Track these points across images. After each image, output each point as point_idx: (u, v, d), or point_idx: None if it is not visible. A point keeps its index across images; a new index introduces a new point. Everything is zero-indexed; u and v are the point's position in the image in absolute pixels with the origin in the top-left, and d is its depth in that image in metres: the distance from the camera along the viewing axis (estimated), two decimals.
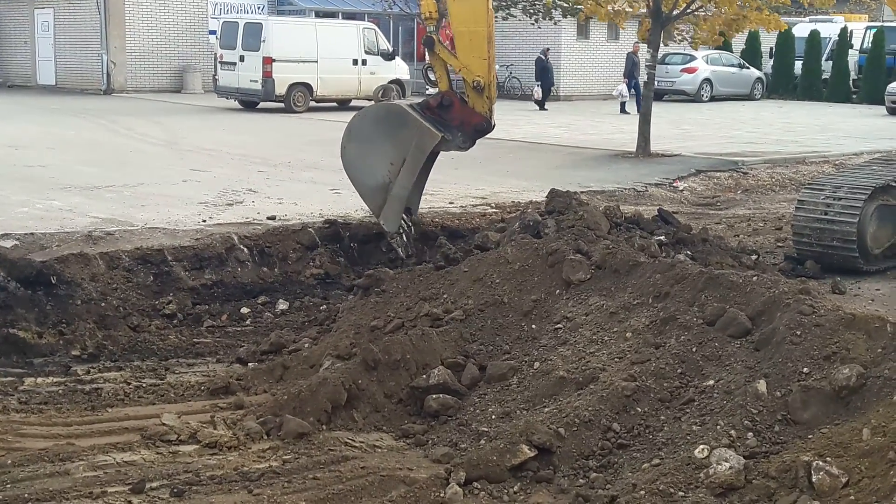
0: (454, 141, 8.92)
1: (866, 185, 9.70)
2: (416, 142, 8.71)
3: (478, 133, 9.02)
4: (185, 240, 9.25)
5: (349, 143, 8.98)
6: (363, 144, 8.87)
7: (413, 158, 8.73)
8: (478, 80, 8.69)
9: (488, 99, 8.84)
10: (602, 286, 6.77)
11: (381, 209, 8.87)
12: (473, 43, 8.72)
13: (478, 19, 8.71)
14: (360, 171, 8.97)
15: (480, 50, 8.71)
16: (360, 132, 8.88)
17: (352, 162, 9.01)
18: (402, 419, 6.00)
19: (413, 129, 8.71)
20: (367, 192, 8.98)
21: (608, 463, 5.12)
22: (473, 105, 8.82)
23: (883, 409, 4.54)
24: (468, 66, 8.70)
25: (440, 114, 8.83)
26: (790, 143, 20.72)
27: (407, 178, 8.76)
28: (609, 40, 36.11)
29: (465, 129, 8.93)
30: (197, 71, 33.02)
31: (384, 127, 8.83)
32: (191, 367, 7.20)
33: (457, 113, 8.86)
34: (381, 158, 8.80)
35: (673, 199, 14.38)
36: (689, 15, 18.95)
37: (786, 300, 5.62)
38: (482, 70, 8.71)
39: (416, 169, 8.79)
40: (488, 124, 8.97)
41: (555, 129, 23.40)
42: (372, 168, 8.86)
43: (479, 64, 8.71)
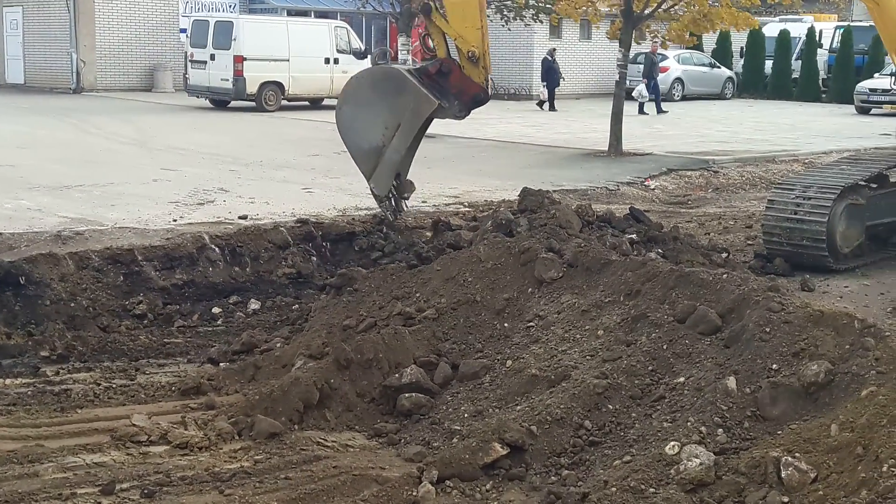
0: (450, 109, 8.84)
1: (836, 184, 9.79)
2: (412, 107, 8.62)
3: (475, 103, 8.95)
4: (155, 239, 9.19)
5: (345, 105, 8.90)
6: (359, 107, 8.78)
7: (408, 124, 8.65)
8: (473, 50, 8.62)
9: (484, 69, 8.77)
10: (574, 284, 6.79)
11: (371, 172, 8.79)
12: (466, 13, 8.65)
13: None
14: (354, 133, 8.88)
15: (474, 19, 8.65)
16: (356, 94, 8.80)
17: (346, 124, 8.92)
18: (374, 418, 6.00)
19: (410, 94, 8.61)
20: (360, 154, 8.90)
21: (580, 460, 5.13)
22: (469, 75, 8.75)
23: (851, 405, 4.58)
24: (463, 36, 8.63)
25: (438, 81, 8.74)
26: (760, 142, 20.86)
27: (401, 143, 8.69)
28: (581, 40, 36.22)
29: (462, 98, 8.86)
30: (167, 69, 32.82)
31: (381, 91, 8.73)
32: (161, 368, 7.16)
33: (455, 81, 8.77)
34: (377, 122, 8.71)
35: (644, 197, 14.45)
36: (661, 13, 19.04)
37: (755, 298, 5.66)
38: (476, 40, 8.65)
39: (410, 135, 8.72)
40: (485, 94, 8.91)
41: (528, 128, 23.45)
42: (366, 131, 8.77)
43: (473, 34, 8.65)
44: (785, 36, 36.17)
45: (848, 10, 46.08)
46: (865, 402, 4.53)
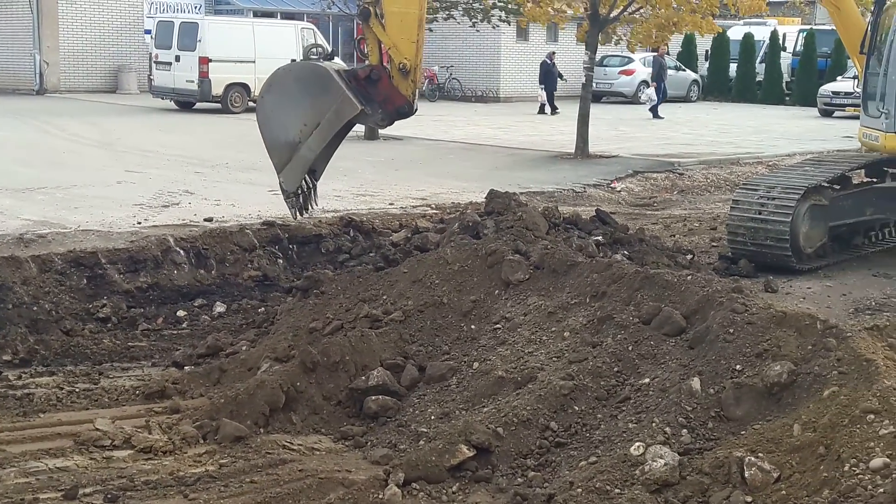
0: (373, 116, 8.77)
1: (799, 185, 9.87)
2: (334, 108, 8.54)
3: (399, 115, 8.88)
4: (119, 242, 9.11)
5: (267, 94, 8.80)
6: (281, 99, 8.70)
7: (328, 124, 8.57)
8: (405, 62, 8.57)
9: (413, 83, 8.71)
10: (540, 286, 6.81)
11: (283, 166, 8.73)
12: (404, 24, 8.59)
13: (410, 1, 8.62)
14: (271, 124, 8.80)
15: (410, 32, 8.59)
16: (280, 86, 8.72)
17: (266, 113, 8.83)
18: (340, 421, 5.98)
19: (334, 95, 8.53)
20: (275, 146, 8.82)
21: (546, 461, 5.15)
22: (398, 86, 8.71)
23: (813, 405, 4.62)
24: (397, 47, 8.58)
25: (366, 86, 8.68)
26: (725, 145, 21.02)
27: (317, 143, 8.61)
28: (548, 42, 36.33)
29: (386, 108, 8.78)
30: (132, 71, 32.58)
31: (306, 87, 8.64)
32: (125, 372, 7.10)
33: (383, 89, 8.70)
34: (296, 117, 8.62)
35: (611, 199, 14.51)
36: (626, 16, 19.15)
37: (719, 299, 5.70)
38: (410, 53, 8.60)
39: (328, 135, 8.64)
40: (410, 108, 8.84)
41: (495, 130, 23.49)
42: (284, 124, 8.68)
43: (407, 46, 8.59)
44: (749, 39, 36.50)
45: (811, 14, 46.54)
46: (827, 402, 4.58)
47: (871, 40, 10.51)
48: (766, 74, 36.39)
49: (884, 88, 9.74)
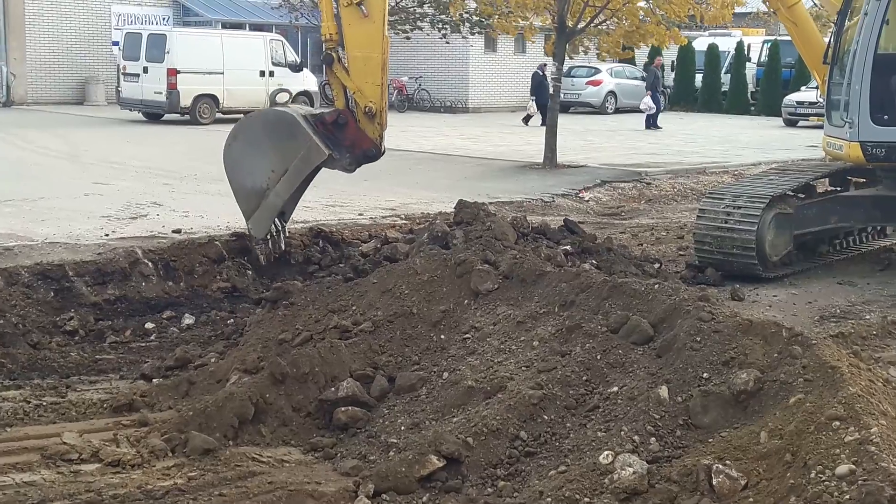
0: (340, 161, 8.75)
1: (764, 194, 9.98)
2: (302, 154, 8.53)
3: (366, 158, 8.86)
4: (86, 254, 9.06)
5: (234, 142, 8.79)
6: (248, 146, 8.69)
7: (295, 170, 8.56)
8: (370, 105, 8.56)
9: (379, 125, 8.70)
10: (509, 296, 6.83)
11: (251, 213, 8.73)
12: (368, 68, 8.58)
13: (373, 45, 8.57)
14: (239, 172, 8.79)
15: (374, 76, 8.57)
16: (247, 133, 8.71)
17: (233, 160, 8.82)
18: (310, 433, 5.96)
19: (301, 141, 8.52)
20: (243, 193, 8.81)
21: (516, 471, 5.15)
22: (364, 129, 8.70)
23: (779, 413, 4.66)
24: (362, 91, 8.58)
25: (333, 131, 8.67)
26: (691, 154, 21.20)
27: (285, 189, 8.60)
28: (516, 53, 36.51)
29: (353, 152, 8.75)
30: (100, 82, 32.42)
31: (273, 134, 8.64)
32: (93, 385, 7.04)
33: (350, 134, 8.68)
34: (263, 164, 8.61)
35: (579, 209, 14.60)
36: (593, 28, 19.28)
37: (686, 307, 5.74)
38: (375, 96, 8.59)
39: (296, 181, 8.64)
40: (378, 151, 8.82)
41: (464, 140, 23.57)
42: (252, 171, 8.68)
43: (372, 90, 8.59)
44: (714, 50, 36.85)
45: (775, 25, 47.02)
46: (793, 409, 4.62)
47: (834, 51, 10.66)
48: (731, 85, 36.76)
49: (847, 98, 9.86)
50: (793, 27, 12.10)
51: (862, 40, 9.68)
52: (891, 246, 11.90)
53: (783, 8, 11.92)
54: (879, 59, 9.70)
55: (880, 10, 9.57)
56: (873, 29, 9.61)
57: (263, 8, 34.80)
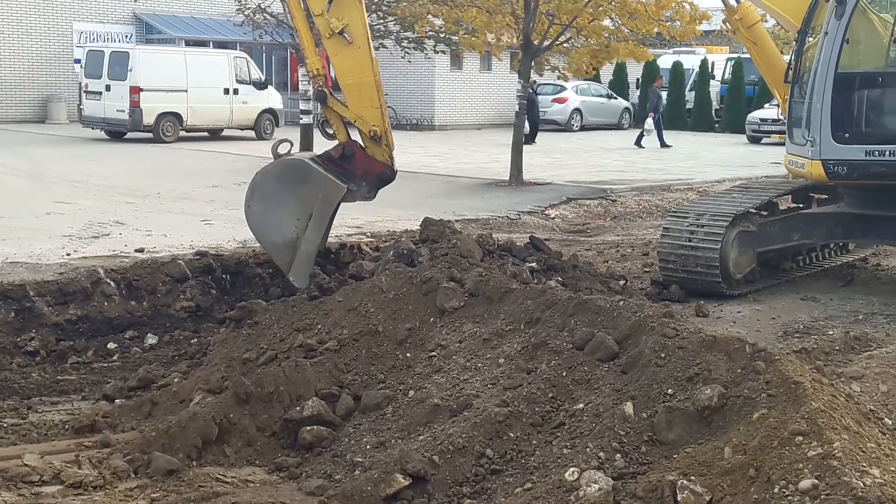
0: (359, 191, 8.77)
1: (728, 212, 10.06)
2: (321, 195, 8.51)
3: (382, 182, 8.89)
4: (48, 274, 8.96)
5: (252, 203, 8.70)
6: (267, 202, 8.64)
7: (320, 212, 8.54)
8: (374, 129, 8.59)
9: (387, 146, 8.74)
10: (475, 313, 6.83)
11: (290, 266, 8.66)
12: (363, 94, 8.61)
13: (363, 70, 8.59)
14: (266, 230, 8.74)
15: (371, 99, 8.61)
16: (263, 190, 8.65)
17: (257, 221, 8.76)
18: (275, 452, 5.92)
19: (317, 183, 8.52)
20: (276, 249, 8.75)
21: (482, 489, 5.14)
22: (373, 154, 8.73)
23: (743, 428, 4.68)
24: (362, 117, 8.60)
25: (343, 165, 8.67)
26: (656, 171, 21.34)
27: (315, 233, 8.57)
28: (482, 71, 36.65)
29: (368, 179, 8.77)
30: (61, 100, 32.19)
31: (287, 183, 8.61)
32: (54, 406, 6.96)
33: (360, 163, 8.70)
34: (287, 215, 8.56)
35: (545, 226, 14.64)
36: (559, 46, 19.40)
37: (651, 324, 5.76)
38: (376, 119, 8.62)
39: (323, 223, 8.66)
40: (391, 171, 8.86)
41: (430, 158, 23.59)
42: (278, 225, 8.61)
43: (372, 114, 8.61)
44: (679, 67, 37.18)
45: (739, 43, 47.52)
46: (757, 424, 4.64)
47: (795, 70, 10.77)
48: (695, 102, 37.11)
49: (808, 117, 9.97)
50: (752, 46, 12.24)
51: (822, 59, 9.79)
52: (853, 262, 12.03)
53: (742, 28, 12.04)
54: (840, 77, 9.81)
55: (840, 29, 9.69)
56: (833, 48, 9.72)
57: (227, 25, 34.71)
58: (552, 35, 18.70)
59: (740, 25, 12.05)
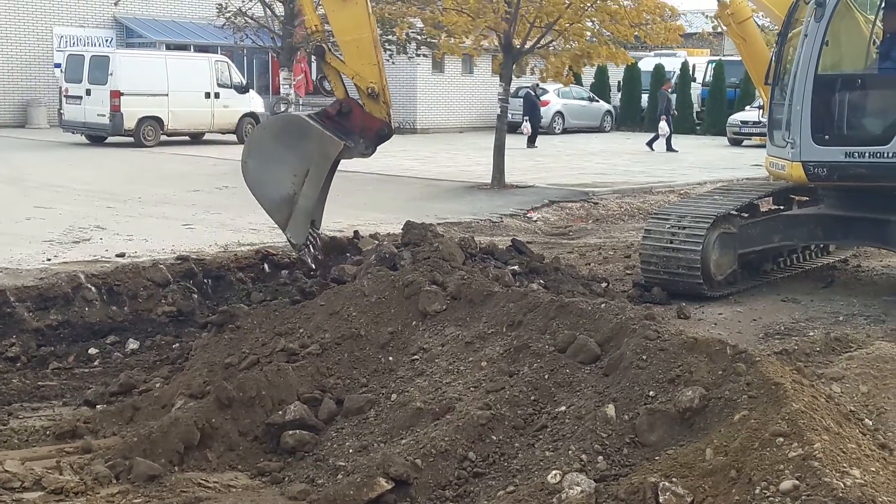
0: (357, 148, 8.72)
1: (709, 214, 10.10)
2: (319, 151, 8.47)
3: (380, 138, 8.85)
4: (28, 279, 8.92)
5: (249, 159, 8.67)
6: (264, 159, 8.60)
7: (317, 168, 8.50)
8: (372, 86, 8.55)
9: (385, 104, 8.69)
10: (457, 316, 6.83)
11: (286, 222, 8.63)
12: (361, 50, 8.56)
13: (361, 25, 8.53)
14: (263, 186, 8.69)
15: (369, 56, 8.56)
16: (260, 147, 8.62)
17: (254, 177, 8.71)
18: (257, 457, 5.90)
19: (315, 139, 8.48)
20: (273, 205, 8.71)
21: (464, 492, 5.14)
22: (371, 111, 8.69)
23: (724, 430, 4.70)
24: (360, 74, 8.55)
25: (340, 121, 8.63)
26: (638, 174, 21.41)
27: (312, 189, 8.53)
28: (464, 74, 36.69)
29: (366, 135, 8.73)
30: (42, 105, 32.05)
31: (285, 139, 8.56)
32: (35, 412, 6.92)
33: (357, 119, 8.65)
34: (285, 171, 8.51)
35: (527, 229, 14.66)
36: (540, 49, 19.44)
37: (632, 326, 5.77)
38: (374, 76, 8.57)
39: (321, 179, 8.59)
40: (389, 129, 8.82)
41: (412, 161, 23.59)
42: (276, 181, 8.57)
43: (370, 70, 8.56)
44: (660, 70, 37.31)
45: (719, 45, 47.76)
46: (738, 425, 4.66)
47: (776, 71, 10.83)
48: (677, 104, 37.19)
49: (788, 118, 10.02)
50: (742, 43, 12.29)
51: (802, 61, 9.84)
52: (834, 263, 12.09)
53: (734, 23, 12.09)
54: (819, 79, 9.87)
55: (819, 31, 9.75)
56: (813, 50, 9.78)
57: (208, 29, 34.64)
58: (533, 37, 18.73)
59: (732, 21, 12.10)
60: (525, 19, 18.41)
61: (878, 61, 10.52)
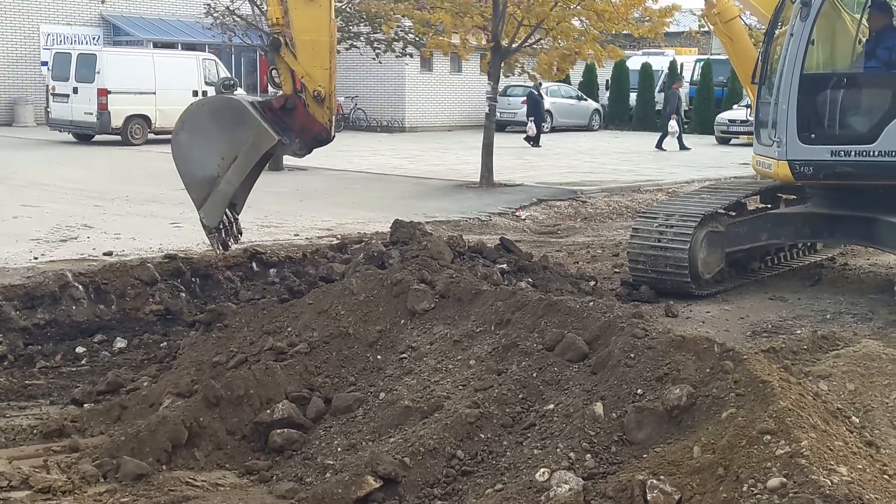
0: (291, 146, 8.65)
1: (696, 212, 10.12)
2: (251, 140, 8.40)
3: (316, 142, 8.78)
4: (15, 278, 8.89)
5: (181, 132, 8.58)
6: (196, 135, 8.50)
7: (245, 157, 8.43)
8: (319, 90, 8.49)
9: (329, 110, 8.63)
10: (446, 315, 6.83)
11: (202, 202, 8.57)
12: (316, 52, 8.51)
13: (321, 28, 8.48)
14: (188, 161, 8.60)
15: (323, 59, 8.51)
16: (194, 122, 8.54)
17: (182, 150, 8.62)
18: (245, 456, 5.90)
19: (250, 127, 8.37)
20: (193, 182, 8.63)
21: (453, 490, 5.15)
22: (314, 113, 8.64)
23: (712, 427, 4.71)
24: (310, 75, 8.51)
25: (282, 116, 8.56)
26: (626, 173, 21.44)
27: (236, 176, 8.46)
28: (452, 73, 36.69)
29: (304, 136, 8.62)
30: (28, 103, 31.93)
31: (221, 121, 8.47)
32: (22, 411, 6.90)
33: (299, 118, 8.56)
34: (213, 152, 8.40)
35: (516, 227, 14.67)
36: (528, 48, 19.45)
37: (620, 324, 5.79)
38: (324, 80, 8.52)
39: (246, 168, 8.52)
40: (328, 135, 8.75)
41: (400, 160, 23.59)
42: (201, 160, 8.47)
43: (321, 73, 8.51)
44: (648, 69, 37.38)
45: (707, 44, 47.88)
46: (725, 423, 4.67)
47: (762, 70, 10.86)
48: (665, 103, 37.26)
49: (775, 118, 10.04)
50: (729, 42, 12.31)
51: (788, 60, 9.87)
52: (821, 262, 12.14)
53: (720, 22, 12.11)
54: (805, 78, 9.90)
55: (805, 30, 9.78)
56: (799, 49, 9.81)
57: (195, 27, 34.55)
58: (521, 36, 18.74)
59: (718, 20, 12.11)
60: (513, 18, 18.41)
61: (864, 60, 10.56)
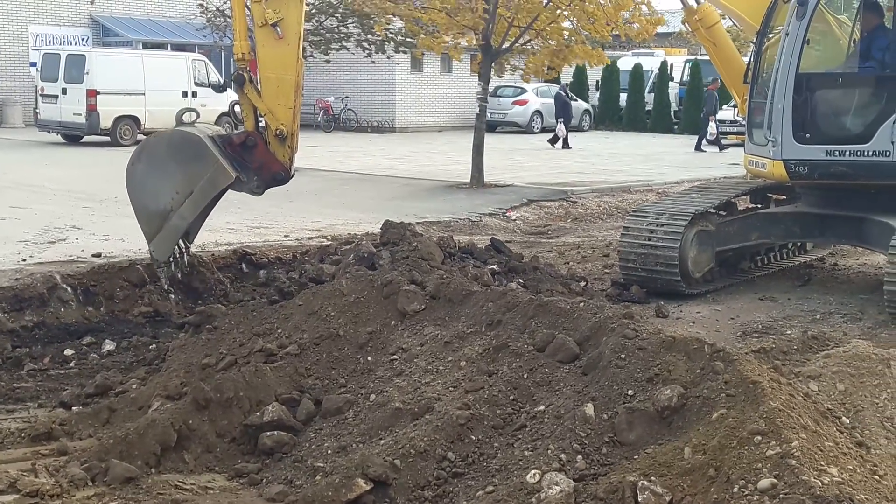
0: (248, 184, 8.54)
1: (686, 211, 10.13)
2: (208, 177, 8.30)
3: (274, 181, 8.65)
4: (3, 280, 8.84)
5: (138, 162, 8.51)
6: (153, 167, 8.42)
7: (201, 193, 8.35)
8: (281, 128, 8.39)
9: (290, 149, 8.51)
10: (436, 316, 6.82)
11: (153, 235, 8.52)
12: (280, 90, 8.40)
13: (287, 67, 8.36)
14: (142, 193, 8.53)
15: (287, 98, 8.40)
16: (151, 154, 8.47)
17: (136, 181, 8.55)
18: (235, 458, 5.87)
19: (208, 164, 8.28)
20: (145, 215, 8.58)
21: (444, 492, 5.13)
22: (274, 152, 8.54)
23: (703, 428, 4.70)
24: (273, 113, 8.41)
25: (241, 153, 8.46)
26: (616, 173, 21.46)
27: (189, 211, 8.39)
28: (442, 73, 36.68)
29: (262, 175, 8.53)
30: (17, 104, 31.82)
31: (179, 155, 8.38)
32: (10, 414, 6.85)
33: (259, 156, 8.45)
34: (168, 185, 8.36)
35: (506, 228, 14.66)
36: (518, 47, 19.45)
37: (611, 325, 5.78)
38: (287, 119, 8.42)
39: (201, 204, 8.44)
40: (287, 174, 8.62)
41: (390, 160, 23.57)
42: (156, 192, 8.40)
43: (284, 112, 8.40)
44: (638, 69, 37.43)
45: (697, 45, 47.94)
46: (716, 424, 4.66)
47: (755, 71, 10.86)
48: (654, 104, 37.38)
49: (769, 117, 10.04)
50: (712, 47, 12.33)
51: (784, 60, 9.87)
52: (811, 262, 12.15)
53: (702, 28, 12.11)
54: (801, 78, 9.90)
55: (801, 30, 9.77)
56: (794, 49, 9.80)
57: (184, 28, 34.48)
58: (512, 37, 18.74)
59: (700, 26, 12.12)
60: (504, 19, 18.41)
61: (859, 60, 10.57)
